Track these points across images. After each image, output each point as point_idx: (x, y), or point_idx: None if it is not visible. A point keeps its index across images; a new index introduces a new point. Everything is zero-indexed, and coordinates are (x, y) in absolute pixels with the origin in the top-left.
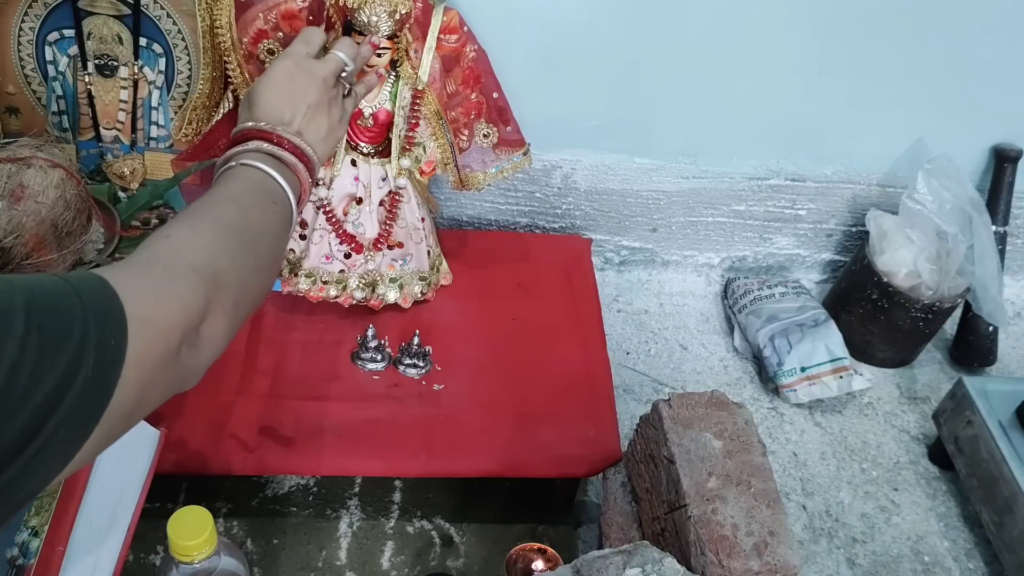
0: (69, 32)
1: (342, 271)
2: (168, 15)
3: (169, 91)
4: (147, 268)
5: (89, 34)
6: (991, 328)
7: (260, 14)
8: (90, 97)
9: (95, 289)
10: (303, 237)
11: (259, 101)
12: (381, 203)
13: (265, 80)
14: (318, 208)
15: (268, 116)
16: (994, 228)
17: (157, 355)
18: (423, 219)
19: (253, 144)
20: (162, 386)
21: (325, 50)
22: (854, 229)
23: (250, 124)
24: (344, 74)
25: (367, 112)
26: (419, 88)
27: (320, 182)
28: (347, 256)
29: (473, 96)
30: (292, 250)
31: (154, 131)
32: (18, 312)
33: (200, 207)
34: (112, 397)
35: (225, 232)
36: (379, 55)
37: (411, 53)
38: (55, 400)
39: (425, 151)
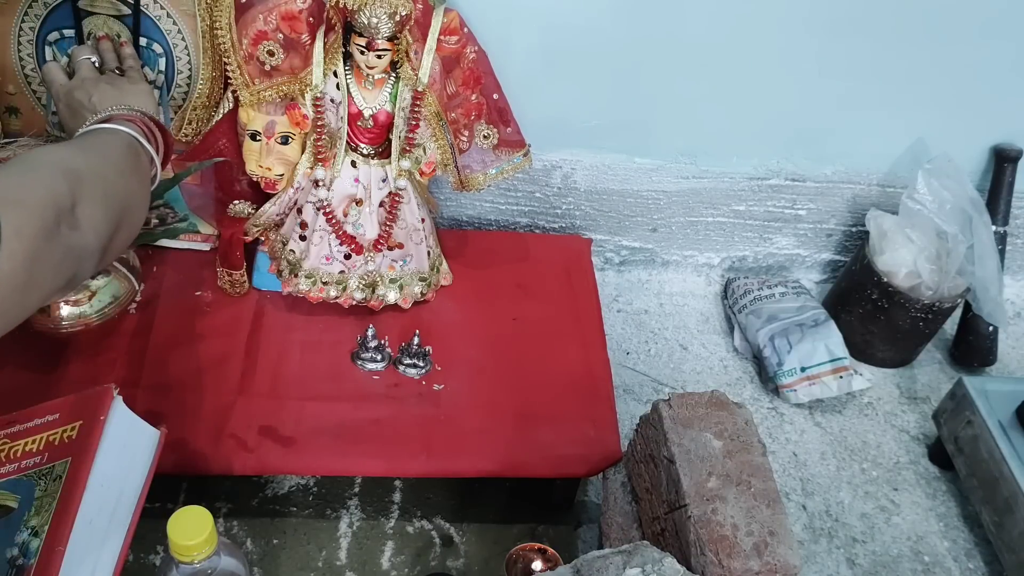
0: (69, 32)
1: (342, 272)
2: (168, 15)
3: (169, 91)
4: (7, 167)
5: (89, 34)
6: (991, 328)
7: (260, 15)
8: None
9: None
10: (303, 238)
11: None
12: (381, 204)
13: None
14: (318, 209)
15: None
16: (994, 228)
17: (34, 228)
18: (423, 220)
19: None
20: (52, 261)
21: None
22: (854, 229)
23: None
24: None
25: (367, 113)
26: (419, 89)
27: (320, 183)
28: (347, 257)
29: (473, 97)
30: (292, 251)
31: None
32: None
33: (55, 141)
34: None
35: (76, 145)
36: (379, 57)
37: (411, 54)
38: None
39: (425, 152)
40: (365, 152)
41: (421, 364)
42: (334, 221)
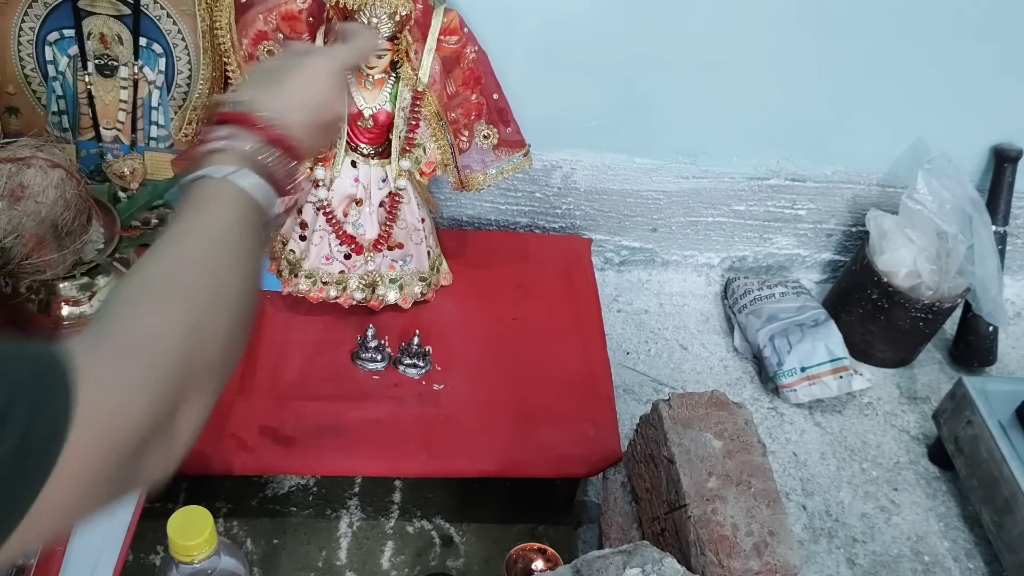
0: (69, 32)
1: (342, 272)
2: (168, 15)
3: (169, 91)
4: (121, 357)
5: (89, 34)
6: (991, 328)
7: (260, 15)
8: (90, 97)
9: (32, 360)
10: (303, 238)
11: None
12: (381, 204)
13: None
14: (318, 209)
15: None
16: (994, 228)
17: (108, 448)
18: (423, 220)
19: (242, 138)
20: (117, 484)
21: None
22: (854, 229)
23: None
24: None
25: (367, 113)
26: (419, 89)
27: (320, 183)
28: (347, 257)
29: (473, 97)
30: (292, 251)
31: (154, 131)
32: None
33: (182, 259)
34: (46, 483)
35: (210, 304)
36: (379, 57)
37: (411, 54)
38: None
39: (425, 152)
40: (365, 152)
41: (421, 364)
42: (334, 221)
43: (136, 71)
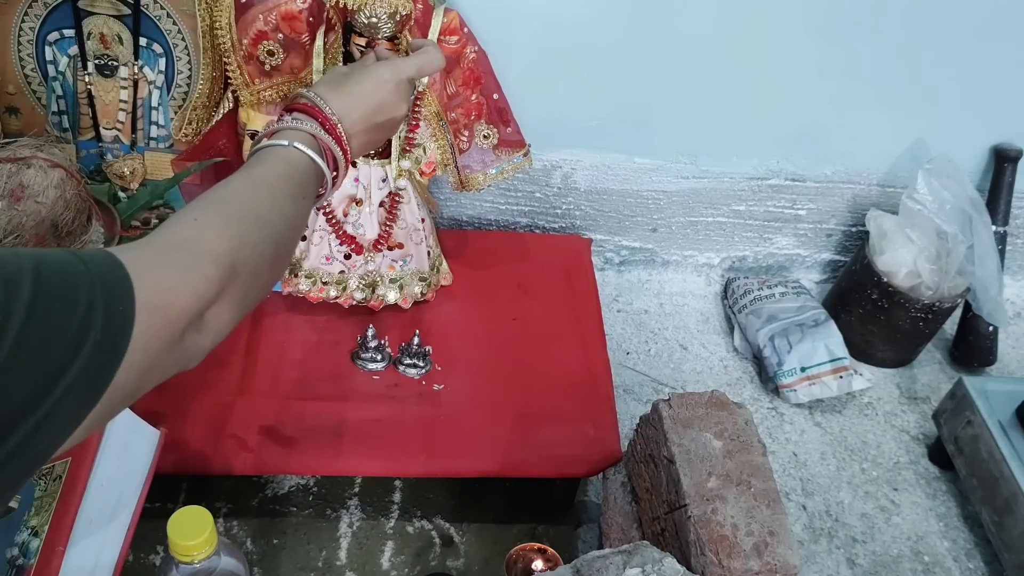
0: (69, 32)
1: (342, 272)
2: (168, 15)
3: (169, 91)
4: (166, 254)
5: (89, 34)
6: (991, 328)
7: (260, 15)
8: (90, 97)
9: (101, 259)
10: (303, 238)
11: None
12: (381, 204)
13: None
14: (318, 209)
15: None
16: (994, 228)
17: (163, 340)
18: (423, 220)
19: (306, 122)
20: (163, 367)
21: None
22: (854, 229)
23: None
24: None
25: None
26: (419, 89)
27: None
28: (347, 257)
29: (473, 97)
30: None
31: (154, 131)
32: (25, 276)
33: (234, 189)
34: (119, 366)
35: (254, 223)
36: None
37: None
38: (64, 362)
39: (425, 152)
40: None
41: (421, 364)
42: (334, 221)
43: (136, 71)
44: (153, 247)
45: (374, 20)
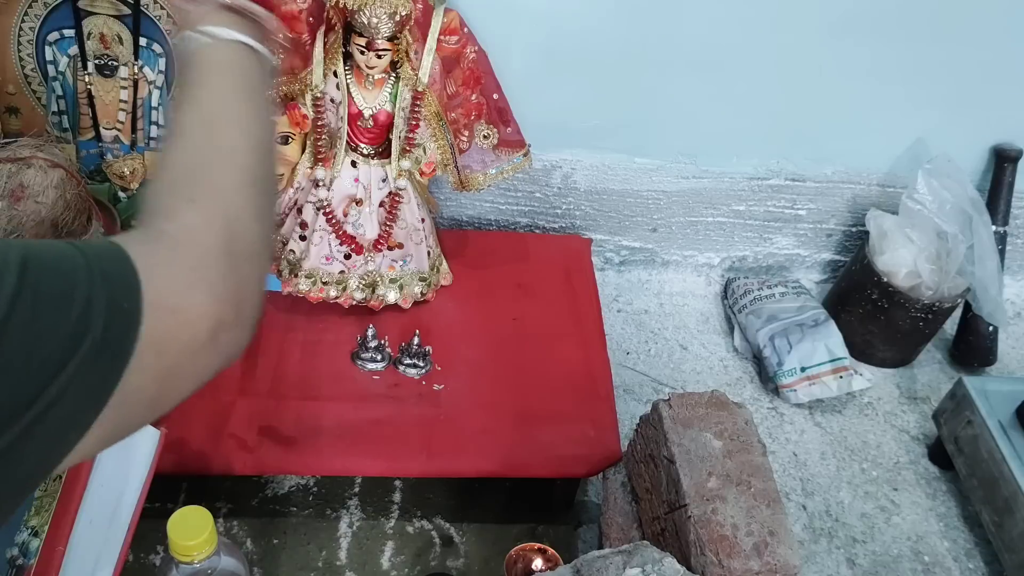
0: (69, 32)
1: (342, 272)
2: (168, 15)
3: (169, 91)
4: (172, 250)
5: (89, 34)
6: (991, 328)
7: None
8: (90, 97)
9: (105, 252)
10: (303, 238)
11: None
12: (381, 204)
13: None
14: (318, 209)
15: None
16: (994, 228)
17: (182, 344)
18: (423, 220)
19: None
20: (194, 373)
21: None
22: (854, 229)
23: None
24: None
25: (367, 113)
26: (419, 89)
27: (320, 183)
28: (347, 257)
29: (473, 97)
30: (292, 251)
31: (154, 131)
32: (10, 269)
33: (202, 149)
34: (125, 368)
35: (238, 184)
36: (379, 57)
37: (411, 54)
38: (57, 361)
39: (425, 152)
40: (365, 152)
41: (421, 364)
42: (334, 221)
43: (136, 71)
44: (156, 244)
45: (374, 20)
